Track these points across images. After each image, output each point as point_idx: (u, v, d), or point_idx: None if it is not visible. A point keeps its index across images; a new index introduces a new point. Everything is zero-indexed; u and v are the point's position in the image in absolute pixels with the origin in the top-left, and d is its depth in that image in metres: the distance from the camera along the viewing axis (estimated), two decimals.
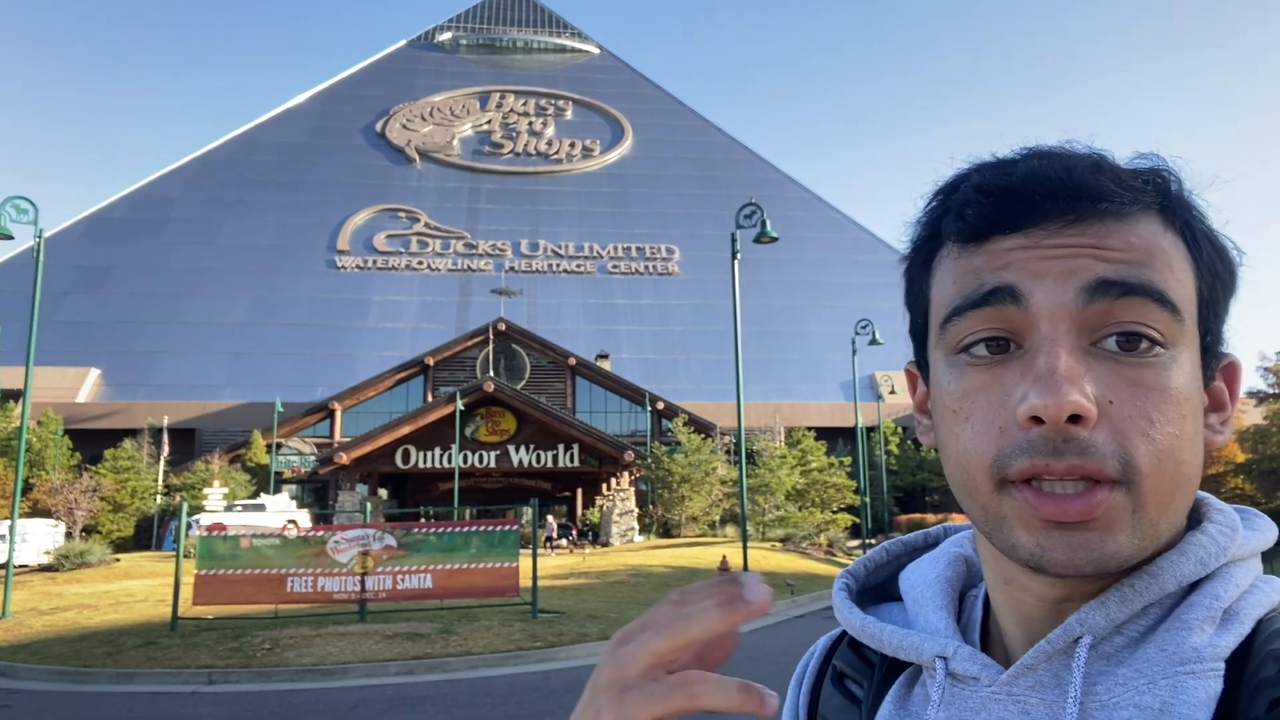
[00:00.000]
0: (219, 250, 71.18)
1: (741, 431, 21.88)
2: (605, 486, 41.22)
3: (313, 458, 46.58)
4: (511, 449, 41.04)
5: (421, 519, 32.97)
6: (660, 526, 40.32)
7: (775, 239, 21.35)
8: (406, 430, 39.94)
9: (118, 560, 28.98)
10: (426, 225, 76.66)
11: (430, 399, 47.13)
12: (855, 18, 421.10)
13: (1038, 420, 0.59)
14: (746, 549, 20.70)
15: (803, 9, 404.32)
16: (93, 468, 40.06)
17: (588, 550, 33.41)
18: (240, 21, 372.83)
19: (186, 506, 17.54)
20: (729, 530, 37.82)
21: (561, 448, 40.79)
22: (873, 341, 33.95)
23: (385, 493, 43.37)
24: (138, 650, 13.58)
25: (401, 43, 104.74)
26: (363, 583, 15.56)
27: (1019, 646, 0.68)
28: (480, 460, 40.79)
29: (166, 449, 45.05)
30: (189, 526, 21.38)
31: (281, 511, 35.05)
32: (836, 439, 51.42)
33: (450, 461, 39.75)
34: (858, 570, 0.84)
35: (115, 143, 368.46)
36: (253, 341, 63.42)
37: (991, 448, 0.61)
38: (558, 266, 74.91)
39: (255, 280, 69.01)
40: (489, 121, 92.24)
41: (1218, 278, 0.66)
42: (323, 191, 78.99)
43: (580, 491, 46.75)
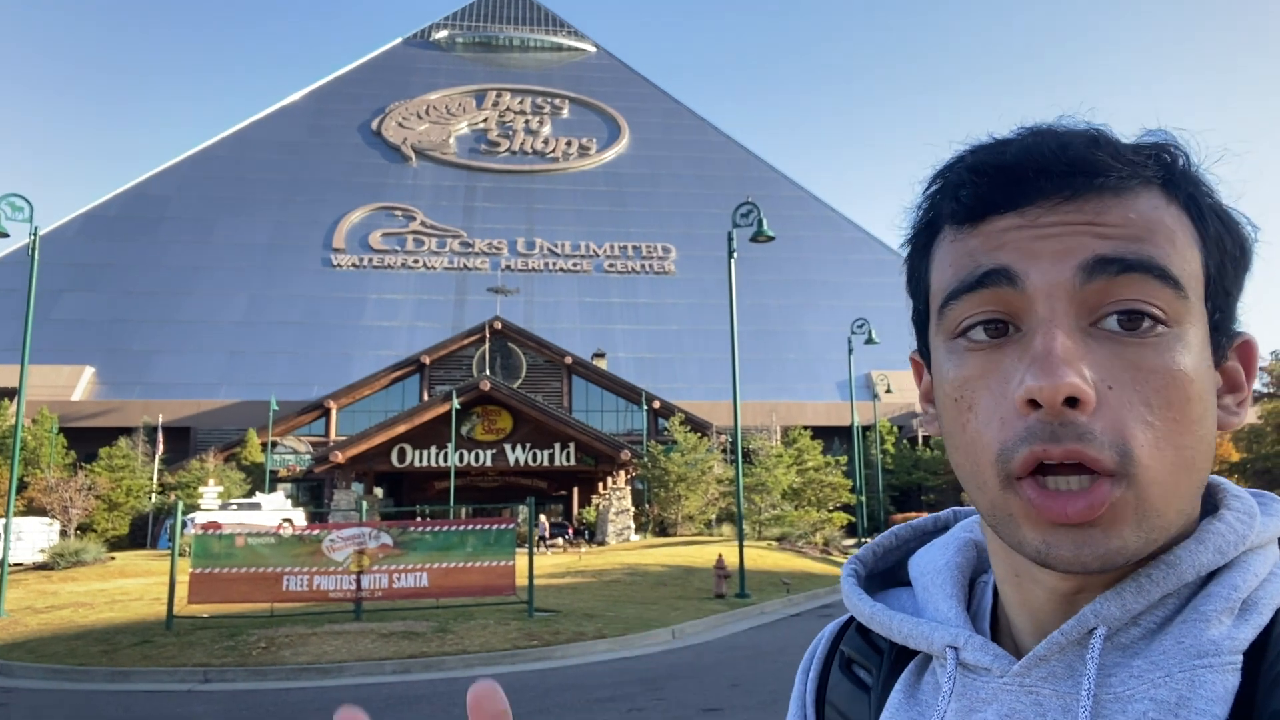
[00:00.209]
0: (214, 248, 71.04)
1: (738, 430, 21.88)
2: (601, 485, 41.23)
3: (308, 456, 46.52)
4: (508, 448, 41.03)
5: (417, 518, 32.95)
6: (656, 525, 40.34)
7: (772, 238, 21.36)
8: (402, 429, 39.91)
9: (113, 559, 28.92)
10: (422, 224, 76.58)
11: (426, 398, 47.10)
12: (853, 15, 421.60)
13: (1035, 404, 0.58)
14: (743, 548, 20.70)
15: (799, 7, 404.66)
16: (88, 466, 39.96)
17: (584, 549, 33.41)
18: (236, 19, 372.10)
19: (182, 505, 17.50)
20: (725, 529, 37.84)
21: (558, 446, 40.79)
22: (869, 341, 34.00)
23: (381, 491, 43.31)
24: (133, 649, 13.56)
25: (398, 40, 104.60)
26: (358, 581, 15.55)
27: (1029, 637, 0.67)
28: (476, 459, 40.78)
29: (161, 447, 45.00)
30: (184, 525, 21.35)
31: (277, 510, 35.02)
32: (833, 438, 51.51)
33: (446, 460, 39.72)
34: (866, 556, 0.84)
35: (110, 141, 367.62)
36: (248, 340, 63.31)
37: (995, 441, 0.60)
38: (554, 265, 74.88)
39: (250, 279, 68.89)
40: (485, 120, 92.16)
41: (1226, 254, 0.64)
42: (318, 190, 78.86)
43: (576, 490, 46.73)
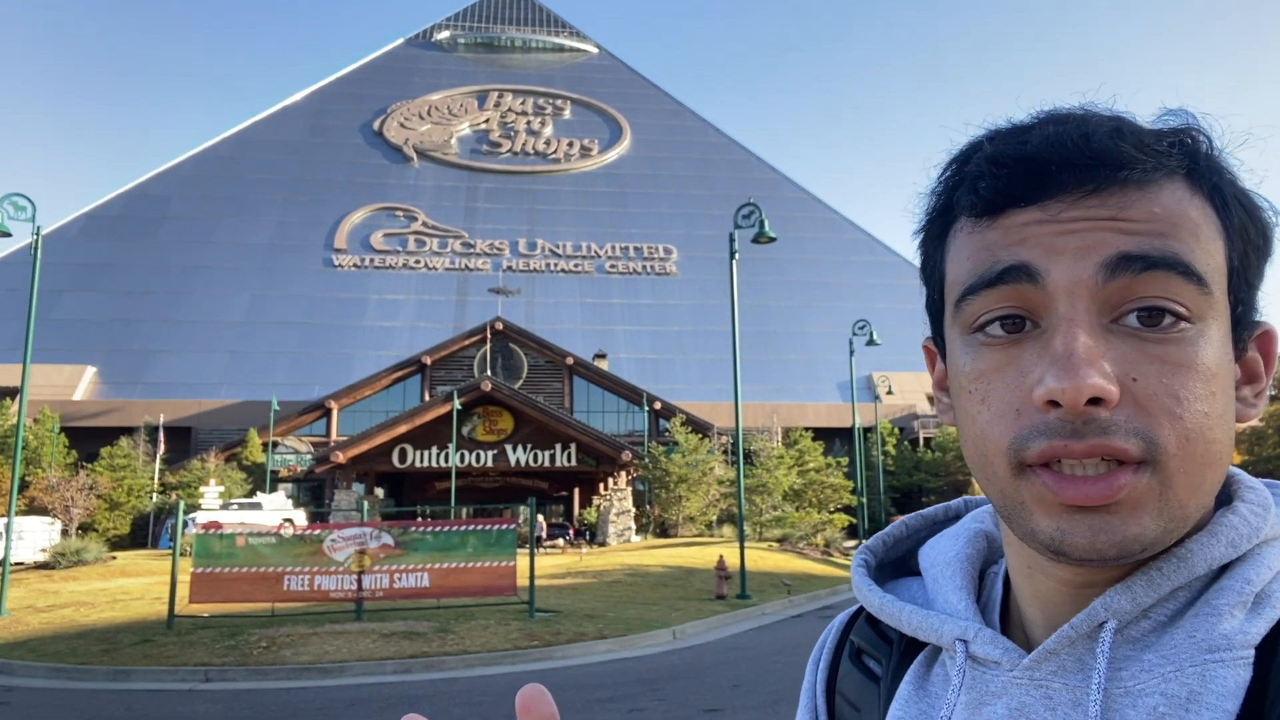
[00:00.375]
0: (216, 249, 71.08)
1: (739, 431, 21.89)
2: (602, 486, 41.23)
3: (309, 456, 46.54)
4: (509, 448, 41.03)
5: (418, 518, 32.96)
6: (657, 526, 40.34)
7: (773, 239, 21.37)
8: (403, 429, 39.92)
9: (114, 558, 28.94)
10: (424, 224, 76.61)
11: (427, 398, 47.12)
12: (855, 16, 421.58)
13: (1055, 404, 0.57)
14: (744, 549, 20.70)
15: (801, 8, 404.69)
16: (89, 466, 40.00)
17: (585, 550, 33.42)
18: (238, 20, 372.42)
19: (183, 505, 17.53)
20: (726, 530, 37.84)
21: (559, 447, 40.79)
22: (870, 342, 34.00)
23: (382, 492, 43.32)
24: (134, 648, 13.58)
25: (399, 41, 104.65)
26: (359, 581, 15.56)
27: (1040, 630, 0.66)
28: (477, 459, 40.78)
29: (163, 447, 45.03)
30: (185, 525, 21.36)
31: (277, 510, 35.04)
32: (834, 439, 51.49)
33: (447, 461, 39.73)
34: (876, 546, 0.83)
35: (112, 140, 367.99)
36: (249, 340, 63.35)
37: (1009, 431, 0.59)
38: (555, 266, 74.90)
39: (252, 279, 68.93)
40: (487, 120, 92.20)
41: (1249, 243, 0.63)
42: (320, 190, 78.91)
43: (577, 491, 46.73)
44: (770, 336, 66.20)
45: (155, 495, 41.68)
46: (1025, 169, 0.60)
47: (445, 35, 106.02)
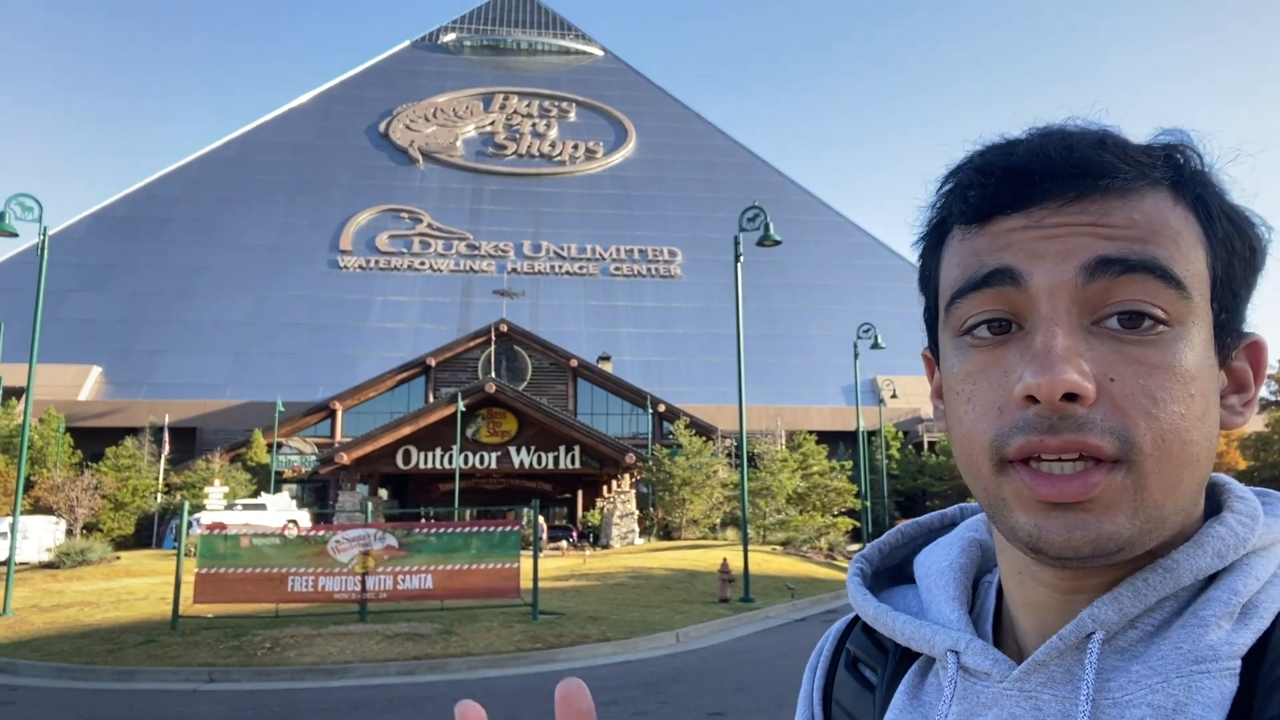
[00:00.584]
0: (221, 250, 71.25)
1: (743, 434, 21.86)
2: (606, 488, 41.22)
3: (313, 457, 46.60)
4: (512, 450, 41.05)
5: (422, 519, 32.99)
6: (661, 529, 40.32)
7: (778, 242, 21.36)
8: (407, 431, 39.96)
9: (118, 558, 28.99)
10: (429, 226, 76.72)
11: (431, 399, 47.16)
12: (862, 20, 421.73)
13: (1034, 400, 0.58)
14: (747, 552, 20.68)
15: (807, 12, 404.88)
16: (94, 466, 40.08)
17: (588, 552, 33.41)
18: (244, 21, 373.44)
19: (187, 505, 17.55)
20: (729, 533, 37.83)
21: (562, 449, 40.79)
22: (875, 345, 33.94)
23: (386, 493, 43.39)
24: (139, 648, 13.60)
25: (405, 43, 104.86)
26: (363, 583, 15.57)
27: (1032, 639, 0.67)
28: (481, 461, 40.81)
29: (167, 447, 45.09)
30: (190, 525, 21.39)
31: (282, 511, 35.08)
32: (838, 443, 51.43)
33: (451, 462, 39.75)
34: (872, 554, 0.84)
35: (119, 141, 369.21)
36: (254, 341, 63.47)
37: (991, 428, 0.61)
38: (560, 268, 74.96)
39: (257, 280, 69.08)
40: (492, 123, 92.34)
41: (1235, 254, 0.64)
42: (325, 191, 79.07)
43: (581, 493, 46.73)
44: (774, 339, 66.16)
45: (160, 495, 41.74)
46: (1012, 178, 0.62)
47: (451, 38, 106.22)
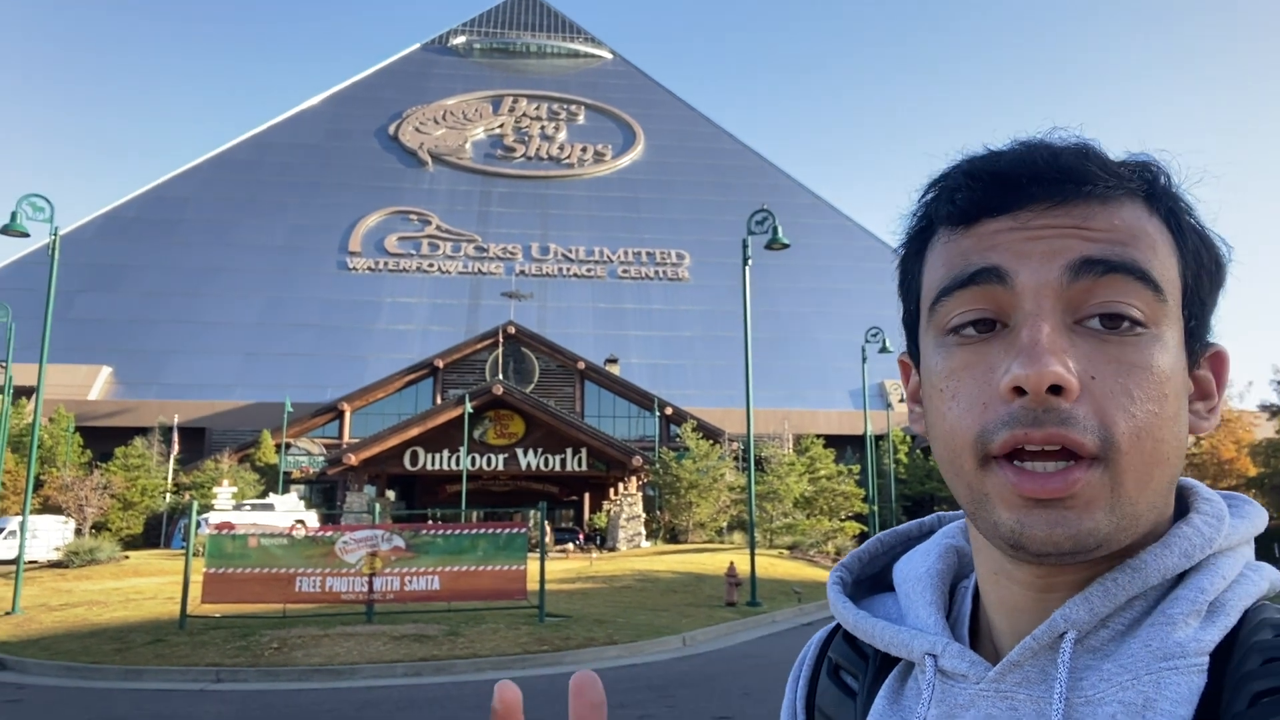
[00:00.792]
0: (231, 250, 71.53)
1: (750, 438, 21.82)
2: (613, 491, 41.20)
3: (321, 458, 46.71)
4: (520, 452, 41.06)
5: (429, 521, 33.01)
6: (667, 532, 40.27)
7: (787, 245, 21.33)
8: (415, 432, 40.02)
9: (127, 558, 29.09)
10: (438, 228, 76.89)
11: (439, 401, 47.22)
12: (871, 23, 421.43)
13: (1020, 392, 0.60)
14: (754, 556, 20.64)
15: (815, 14, 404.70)
16: (103, 465, 40.25)
17: (595, 555, 33.38)
18: (255, 23, 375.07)
19: (196, 505, 17.60)
20: (736, 537, 37.75)
21: (570, 451, 40.79)
22: (883, 349, 33.88)
23: (393, 494, 43.42)
24: (146, 647, 13.64)
25: (415, 46, 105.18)
26: (370, 583, 15.59)
27: (1008, 639, 0.69)
28: (488, 463, 40.84)
29: (176, 447, 45.25)
30: (198, 525, 21.45)
31: (290, 511, 35.14)
32: (845, 447, 51.28)
33: (458, 464, 39.79)
34: (852, 563, 0.85)
35: (130, 142, 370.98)
36: (263, 342, 63.68)
37: (976, 423, 0.62)
38: (568, 270, 75.02)
39: (267, 281, 69.32)
40: (501, 125, 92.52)
41: (1203, 267, 0.67)
42: (335, 193, 79.33)
43: (588, 496, 46.70)
44: (782, 343, 66.06)
45: (168, 495, 41.89)
46: (999, 182, 0.65)
47: (461, 40, 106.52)
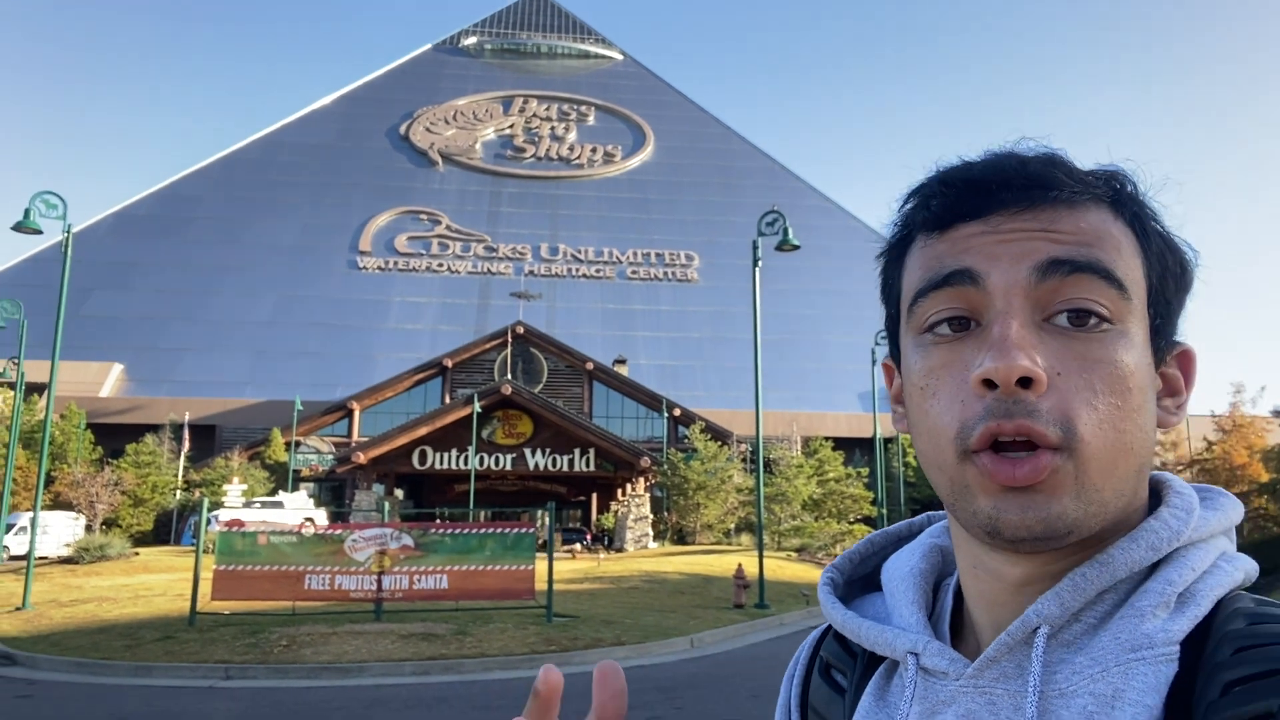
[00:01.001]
0: (243, 249, 71.83)
1: (759, 439, 21.78)
2: (620, 492, 41.20)
3: (330, 456, 46.85)
4: (528, 452, 41.09)
5: (437, 520, 33.08)
6: (675, 533, 40.24)
7: (797, 247, 21.29)
8: (424, 431, 40.09)
9: (137, 554, 29.20)
10: (447, 228, 77.04)
11: (448, 400, 47.30)
12: (882, 24, 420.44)
13: (991, 385, 0.64)
14: (762, 558, 20.59)
15: (826, 16, 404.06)
16: (114, 462, 40.44)
17: (602, 555, 33.39)
18: (268, 22, 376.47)
19: (206, 502, 17.66)
20: (744, 539, 37.69)
21: (577, 452, 40.80)
22: None
23: (401, 493, 43.51)
24: (156, 644, 13.69)
25: (427, 46, 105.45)
26: (379, 582, 15.62)
27: (987, 633, 0.72)
28: (496, 463, 40.88)
29: (187, 445, 45.43)
30: (208, 522, 21.55)
31: (299, 509, 35.26)
32: (854, 449, 51.17)
33: (466, 463, 39.84)
34: (843, 564, 0.87)
35: (142, 141, 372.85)
36: (274, 340, 63.91)
37: (956, 419, 0.66)
38: (577, 271, 75.06)
39: (278, 280, 69.58)
40: (511, 125, 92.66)
41: (1168, 269, 0.71)
42: (346, 193, 79.58)
43: (595, 496, 46.71)
44: (791, 345, 65.94)
45: (179, 492, 42.07)
46: (971, 189, 0.69)
47: (472, 41, 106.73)
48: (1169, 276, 0.72)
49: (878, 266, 0.79)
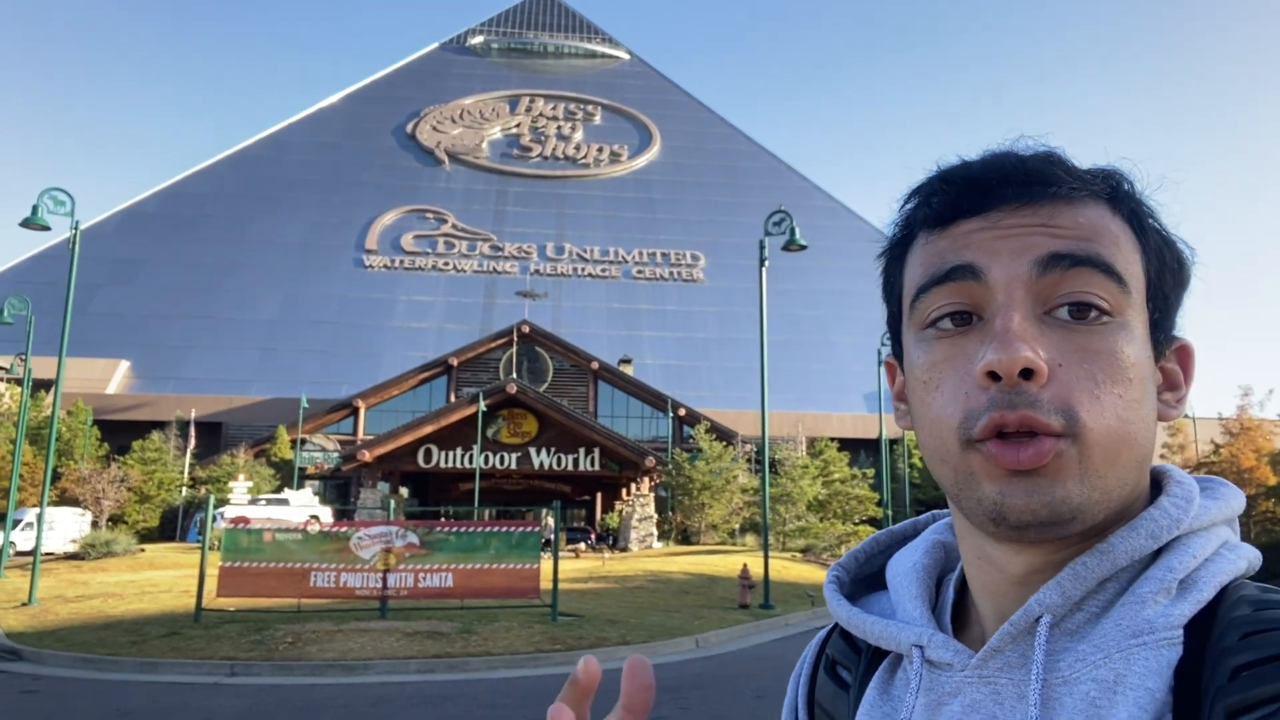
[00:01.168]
0: (249, 247, 71.99)
1: (765, 440, 21.74)
2: (625, 491, 41.15)
3: (336, 454, 46.92)
4: (532, 451, 41.08)
5: (442, 518, 33.10)
6: (679, 533, 40.20)
7: (804, 247, 21.24)
8: (429, 430, 40.11)
9: (143, 550, 29.28)
10: (454, 227, 77.12)
11: (453, 399, 47.33)
12: (888, 25, 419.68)
13: (994, 377, 0.65)
14: (767, 558, 20.54)
15: (833, 16, 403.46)
16: (120, 458, 40.53)
17: (607, 555, 33.37)
18: (275, 22, 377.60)
19: (212, 499, 17.67)
20: (749, 539, 37.64)
21: (582, 451, 40.78)
22: None
23: (406, 491, 43.55)
24: (161, 640, 13.70)
25: (434, 45, 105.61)
26: (384, 580, 15.62)
27: (991, 624, 0.73)
28: (501, 461, 40.89)
29: (193, 442, 45.55)
30: (214, 519, 21.57)
31: (304, 506, 35.29)
32: (859, 450, 51.09)
33: (471, 462, 39.83)
34: (848, 563, 0.88)
35: (150, 139, 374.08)
36: (280, 338, 64.04)
37: (959, 412, 0.67)
38: (583, 270, 75.06)
39: (284, 278, 69.72)
40: (518, 125, 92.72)
41: (1165, 265, 0.73)
42: (352, 191, 79.71)
43: (600, 496, 46.70)
44: (797, 345, 65.88)
45: (185, 489, 42.17)
46: (971, 185, 0.71)
47: (479, 40, 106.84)
48: (1167, 271, 0.73)
49: (879, 266, 0.80)
